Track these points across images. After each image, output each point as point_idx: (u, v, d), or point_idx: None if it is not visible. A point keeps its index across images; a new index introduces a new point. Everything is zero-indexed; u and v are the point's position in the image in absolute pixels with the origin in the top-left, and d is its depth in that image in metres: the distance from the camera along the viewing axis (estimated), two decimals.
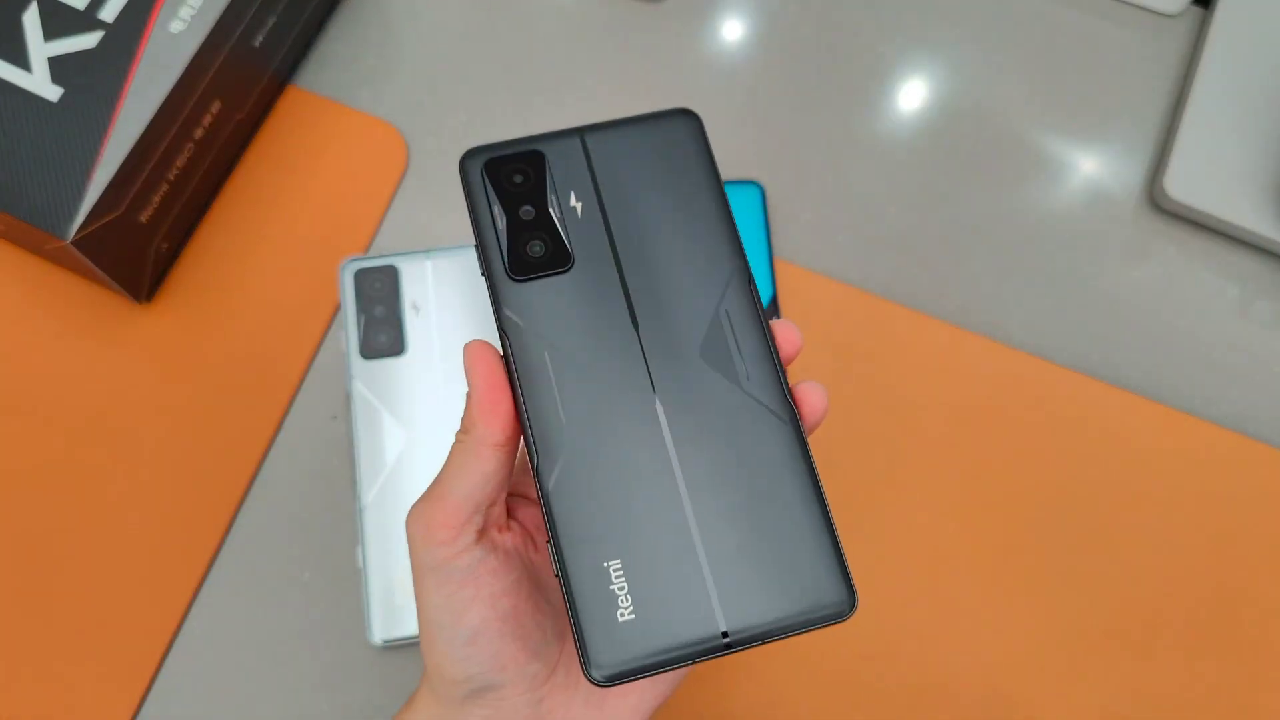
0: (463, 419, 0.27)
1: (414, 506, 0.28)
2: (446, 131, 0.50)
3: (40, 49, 0.42)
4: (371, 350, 0.44)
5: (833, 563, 0.25)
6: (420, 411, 0.43)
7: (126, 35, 0.42)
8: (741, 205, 0.48)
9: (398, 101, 0.51)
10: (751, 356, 0.27)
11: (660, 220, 0.28)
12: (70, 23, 0.42)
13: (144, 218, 0.43)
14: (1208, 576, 0.45)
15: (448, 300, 0.45)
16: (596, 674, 0.24)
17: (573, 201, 0.28)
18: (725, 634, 0.24)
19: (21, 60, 0.41)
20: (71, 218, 0.40)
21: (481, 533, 0.27)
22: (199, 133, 0.45)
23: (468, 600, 0.27)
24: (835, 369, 0.47)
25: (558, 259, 0.27)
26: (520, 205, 0.27)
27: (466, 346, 0.27)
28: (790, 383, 0.27)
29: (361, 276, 0.45)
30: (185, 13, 0.43)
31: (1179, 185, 0.49)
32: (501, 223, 0.27)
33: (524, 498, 0.32)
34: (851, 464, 0.46)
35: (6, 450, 0.44)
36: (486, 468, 0.26)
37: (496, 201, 0.27)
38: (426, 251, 0.45)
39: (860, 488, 0.46)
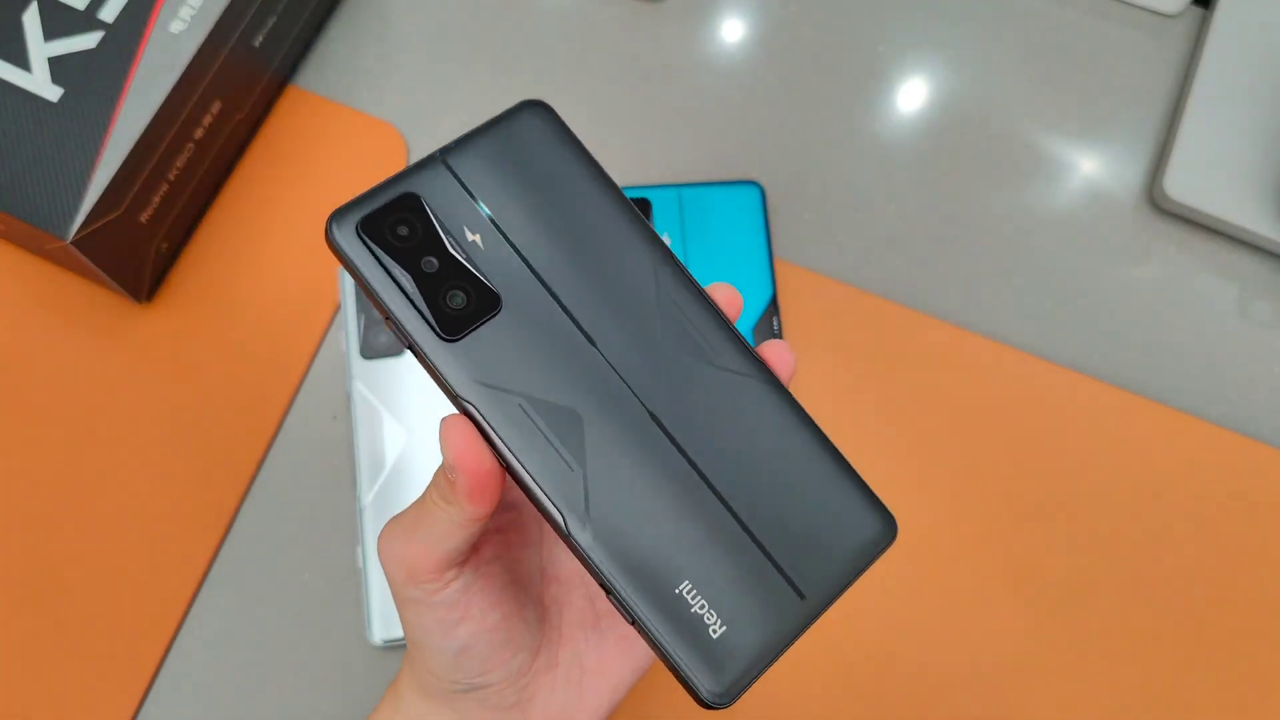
0: (443, 489, 0.25)
1: (391, 540, 0.27)
2: (446, 132, 0.50)
3: (40, 49, 0.42)
4: (371, 350, 0.44)
5: (863, 497, 0.25)
6: (420, 411, 0.43)
7: (126, 35, 0.42)
8: (741, 205, 0.48)
9: (397, 101, 0.51)
10: (710, 331, 0.26)
11: (561, 224, 0.25)
12: (70, 23, 0.42)
13: (144, 218, 0.43)
14: (1208, 576, 0.45)
15: None
16: (715, 698, 0.23)
17: (469, 236, 0.25)
18: (807, 602, 0.24)
19: (21, 60, 0.41)
20: (71, 218, 0.40)
21: (463, 563, 0.27)
22: (199, 133, 0.45)
23: (456, 621, 0.27)
24: (835, 369, 0.47)
25: (484, 303, 0.24)
26: (419, 258, 0.24)
27: (443, 424, 0.24)
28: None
29: None
30: (185, 13, 0.43)
31: (1179, 185, 0.49)
32: (409, 284, 0.24)
33: None
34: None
35: (6, 450, 0.44)
36: (472, 531, 0.25)
37: (392, 262, 0.24)
38: None
39: None
